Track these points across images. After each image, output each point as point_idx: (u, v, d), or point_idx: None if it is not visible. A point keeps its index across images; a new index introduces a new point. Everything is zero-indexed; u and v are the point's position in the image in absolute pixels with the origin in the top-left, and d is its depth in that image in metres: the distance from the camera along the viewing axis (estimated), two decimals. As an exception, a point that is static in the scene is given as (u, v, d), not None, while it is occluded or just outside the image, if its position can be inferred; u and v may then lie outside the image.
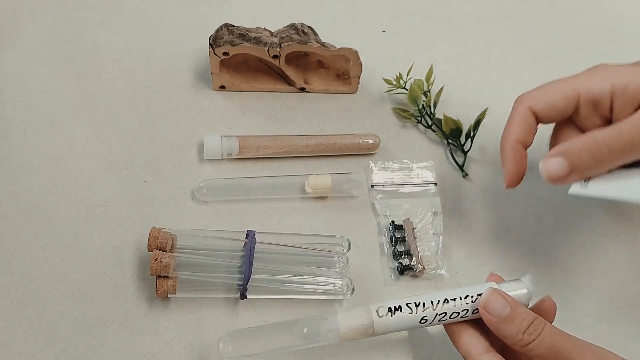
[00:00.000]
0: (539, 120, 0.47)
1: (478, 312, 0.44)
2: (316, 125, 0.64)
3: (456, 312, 0.44)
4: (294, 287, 0.51)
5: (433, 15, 0.75)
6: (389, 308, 0.44)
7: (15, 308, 0.51)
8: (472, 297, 0.44)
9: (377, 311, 0.44)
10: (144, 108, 0.64)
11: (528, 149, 0.49)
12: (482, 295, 0.44)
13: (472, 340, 0.44)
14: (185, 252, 0.51)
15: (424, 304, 0.44)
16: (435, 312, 0.44)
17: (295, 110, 0.65)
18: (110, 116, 0.63)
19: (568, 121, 0.48)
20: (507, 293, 0.44)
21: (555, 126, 0.49)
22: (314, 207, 0.58)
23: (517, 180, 0.48)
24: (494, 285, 0.45)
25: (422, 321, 0.44)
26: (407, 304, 0.44)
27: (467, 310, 0.44)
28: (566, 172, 0.44)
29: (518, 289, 0.45)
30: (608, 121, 0.46)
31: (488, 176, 0.61)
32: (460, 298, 0.44)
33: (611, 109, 0.45)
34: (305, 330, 0.45)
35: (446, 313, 0.44)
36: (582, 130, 0.47)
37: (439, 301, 0.44)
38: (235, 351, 0.45)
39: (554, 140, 0.49)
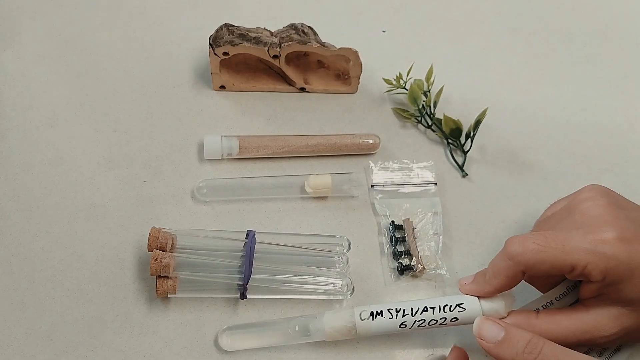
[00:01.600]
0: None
1: (456, 320, 0.46)
2: (316, 125, 0.64)
3: (434, 320, 0.46)
4: (294, 287, 0.51)
5: (433, 15, 0.75)
6: (372, 312, 0.47)
7: (15, 308, 0.51)
8: (450, 306, 0.46)
9: (360, 314, 0.47)
10: (144, 108, 0.64)
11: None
12: (474, 324, 0.44)
13: None
14: (185, 252, 0.51)
15: (404, 310, 0.47)
16: (414, 319, 0.46)
17: (295, 110, 0.65)
18: (110, 116, 0.63)
19: None
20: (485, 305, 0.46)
21: None
22: (314, 207, 0.58)
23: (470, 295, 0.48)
24: (476, 301, 0.47)
25: (402, 326, 0.47)
26: (388, 310, 0.47)
27: (445, 318, 0.46)
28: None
29: (495, 301, 0.47)
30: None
31: (488, 176, 0.61)
32: (440, 307, 0.46)
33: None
34: (297, 328, 0.48)
35: (424, 320, 0.46)
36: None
37: (418, 309, 0.47)
38: (233, 343, 0.49)
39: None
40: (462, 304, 0.47)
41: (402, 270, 0.54)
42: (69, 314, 0.51)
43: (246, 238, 0.52)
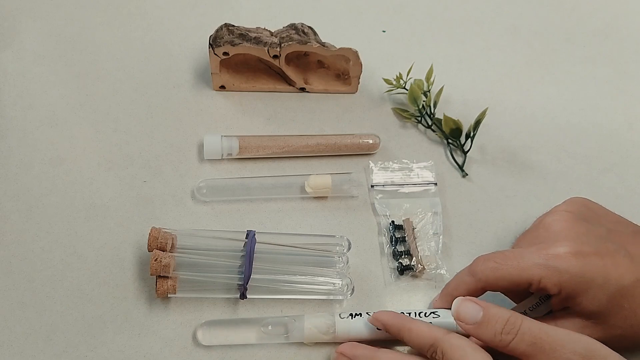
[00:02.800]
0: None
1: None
2: (316, 125, 0.64)
3: None
4: (294, 287, 0.51)
5: (433, 15, 0.75)
6: (351, 314, 0.49)
7: (15, 308, 0.51)
8: (425, 313, 0.49)
9: (339, 314, 0.49)
10: (144, 108, 0.64)
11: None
12: (453, 306, 0.45)
13: None
14: (185, 252, 0.51)
15: None
16: None
17: (295, 110, 0.65)
18: (110, 116, 0.63)
19: None
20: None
21: None
22: (314, 207, 0.58)
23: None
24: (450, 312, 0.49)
25: (379, 328, 0.48)
26: (367, 312, 0.49)
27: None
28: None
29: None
30: None
31: (488, 176, 0.61)
32: (415, 313, 0.49)
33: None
34: (270, 327, 0.49)
35: None
36: None
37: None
38: (211, 339, 0.49)
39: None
40: (437, 311, 0.49)
41: (402, 270, 0.54)
42: (69, 314, 0.51)
43: (246, 238, 0.52)
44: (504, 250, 0.49)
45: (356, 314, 0.49)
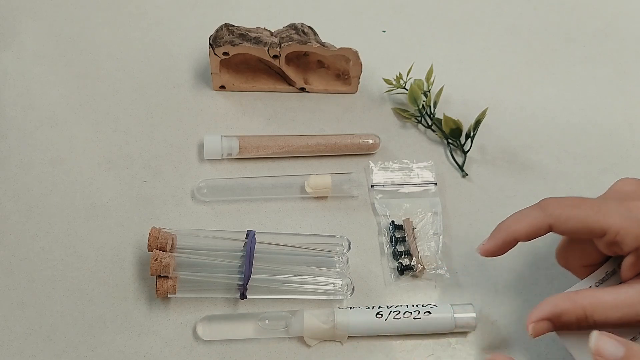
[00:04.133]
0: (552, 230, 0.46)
1: (429, 314, 0.50)
2: (316, 125, 0.64)
3: (409, 312, 0.50)
4: (294, 287, 0.51)
5: (433, 15, 0.75)
6: (349, 307, 0.51)
7: (15, 308, 0.51)
8: (422, 304, 0.51)
9: (338, 307, 0.51)
10: (144, 108, 0.64)
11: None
12: (591, 340, 0.42)
13: None
14: (185, 252, 0.51)
15: (379, 306, 0.51)
16: (390, 310, 0.50)
17: (295, 110, 0.65)
18: (110, 116, 0.63)
19: None
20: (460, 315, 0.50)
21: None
22: (314, 207, 0.58)
23: (490, 255, 0.47)
24: (448, 306, 0.51)
25: (378, 316, 0.50)
26: (365, 307, 0.51)
27: (419, 312, 0.50)
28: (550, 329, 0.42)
29: (468, 312, 0.51)
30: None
31: (488, 176, 0.61)
32: (412, 305, 0.51)
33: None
34: (267, 322, 0.50)
35: (400, 311, 0.50)
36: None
37: (393, 306, 0.51)
38: (211, 333, 0.50)
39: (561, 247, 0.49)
40: (433, 305, 0.51)
41: (402, 270, 0.54)
42: (69, 314, 0.51)
43: (246, 238, 0.52)
44: (579, 197, 0.45)
45: (355, 307, 0.51)
